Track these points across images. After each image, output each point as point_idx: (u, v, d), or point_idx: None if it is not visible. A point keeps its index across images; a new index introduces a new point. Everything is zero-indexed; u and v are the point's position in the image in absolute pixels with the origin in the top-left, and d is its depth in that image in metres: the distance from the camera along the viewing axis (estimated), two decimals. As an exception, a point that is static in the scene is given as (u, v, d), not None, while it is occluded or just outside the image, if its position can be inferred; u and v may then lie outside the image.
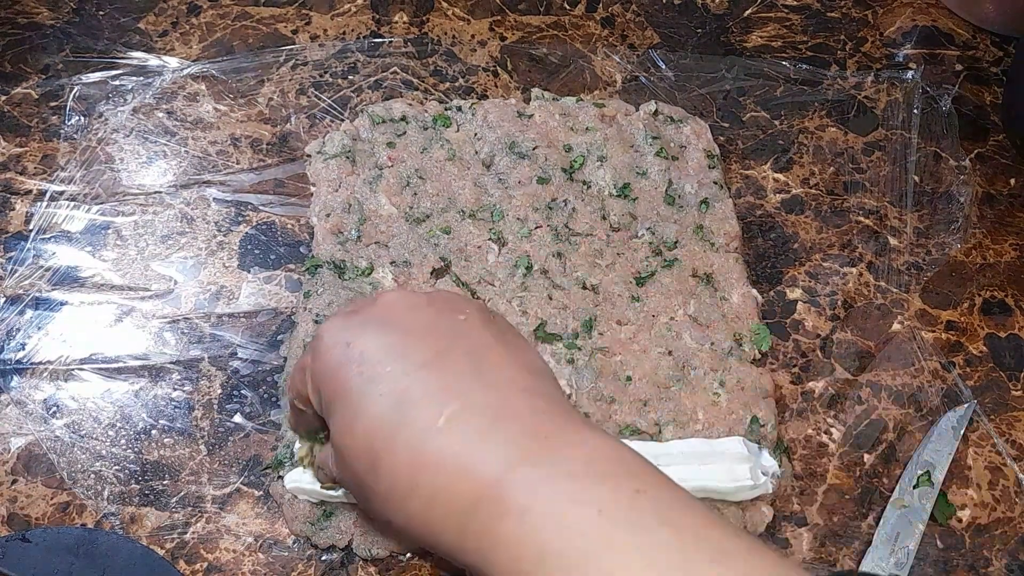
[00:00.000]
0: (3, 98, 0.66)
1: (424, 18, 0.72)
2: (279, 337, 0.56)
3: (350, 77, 0.68)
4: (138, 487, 0.51)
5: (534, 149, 0.61)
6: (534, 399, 0.36)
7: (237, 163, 0.63)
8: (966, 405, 0.55)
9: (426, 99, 0.66)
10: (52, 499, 0.50)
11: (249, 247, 0.60)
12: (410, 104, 0.65)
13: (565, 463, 0.33)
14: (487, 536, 0.32)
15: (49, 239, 0.59)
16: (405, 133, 0.62)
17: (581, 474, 0.32)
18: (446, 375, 0.35)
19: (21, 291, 0.57)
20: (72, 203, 0.61)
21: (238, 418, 0.53)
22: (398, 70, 0.68)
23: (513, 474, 0.32)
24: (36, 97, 0.66)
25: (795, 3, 0.74)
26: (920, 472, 0.52)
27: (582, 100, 0.65)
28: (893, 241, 0.62)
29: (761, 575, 0.29)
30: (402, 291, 0.41)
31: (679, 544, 0.30)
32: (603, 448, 0.34)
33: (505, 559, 0.31)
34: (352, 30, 0.71)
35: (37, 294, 0.57)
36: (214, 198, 0.61)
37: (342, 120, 0.65)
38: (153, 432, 0.53)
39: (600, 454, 0.33)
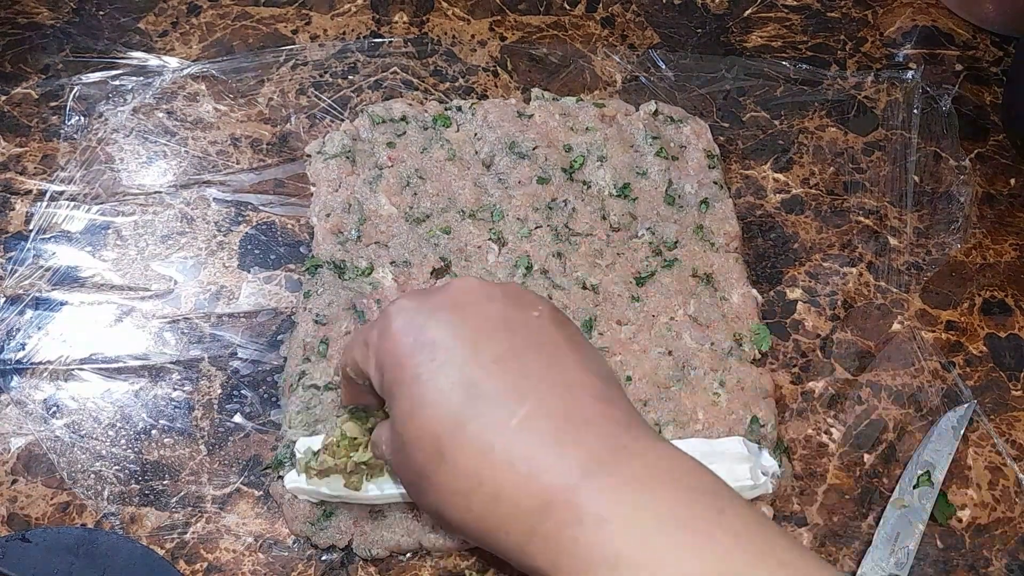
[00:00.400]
0: (3, 98, 0.66)
1: (424, 18, 0.72)
2: (279, 337, 0.56)
3: (350, 77, 0.68)
4: (138, 487, 0.51)
5: (534, 149, 0.61)
6: (606, 406, 0.35)
7: (237, 163, 0.63)
8: (966, 405, 0.55)
9: (426, 99, 0.66)
10: (52, 499, 0.50)
11: (249, 247, 0.60)
12: (410, 104, 0.65)
13: (643, 475, 0.32)
14: (557, 541, 0.31)
15: (49, 239, 0.59)
16: (405, 133, 0.62)
17: (660, 487, 0.32)
18: (518, 373, 0.34)
19: (21, 291, 0.57)
20: (72, 203, 0.61)
21: (238, 418, 0.53)
22: (398, 70, 0.68)
23: (589, 481, 0.31)
24: (36, 97, 0.66)
25: (795, 3, 0.74)
26: (920, 472, 0.52)
27: (582, 100, 0.65)
28: (893, 241, 0.62)
29: None
30: (476, 279, 0.40)
31: (765, 568, 0.29)
32: (680, 463, 0.33)
33: (576, 565, 0.31)
34: (352, 30, 0.71)
35: (37, 294, 0.57)
36: (214, 198, 0.61)
37: (342, 120, 0.65)
38: (153, 432, 0.53)
39: (678, 469, 0.33)
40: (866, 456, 0.53)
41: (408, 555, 0.49)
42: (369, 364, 0.38)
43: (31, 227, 0.60)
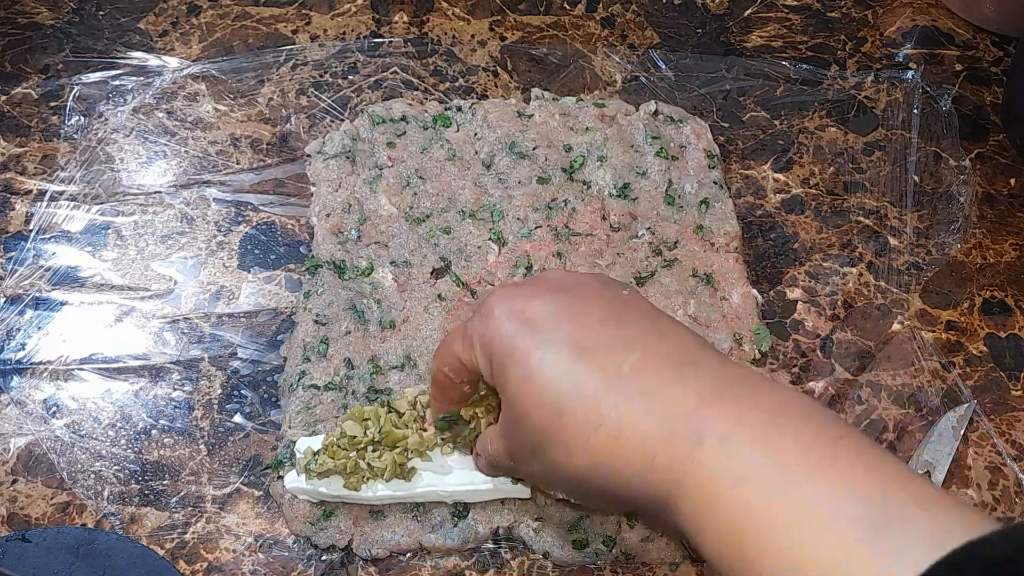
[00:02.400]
0: (3, 98, 0.66)
1: (424, 18, 0.72)
2: (279, 337, 0.56)
3: (350, 77, 0.68)
4: (138, 487, 0.51)
5: (534, 149, 0.61)
6: (713, 353, 0.37)
7: (237, 163, 0.63)
8: (966, 405, 0.55)
9: (426, 99, 0.66)
10: (52, 499, 0.50)
11: (249, 247, 0.60)
12: (410, 104, 0.65)
13: (761, 404, 0.34)
14: (678, 465, 0.33)
15: (49, 239, 0.59)
16: (405, 133, 0.62)
17: (780, 415, 0.33)
18: (624, 329, 0.37)
19: (21, 291, 0.57)
20: (72, 203, 0.61)
21: (238, 418, 0.53)
22: (398, 70, 0.68)
23: (709, 408, 0.33)
24: (36, 97, 0.66)
25: (795, 3, 0.74)
26: (920, 472, 0.52)
27: (582, 100, 0.65)
28: (893, 241, 0.62)
29: (965, 525, 0.29)
30: (563, 271, 0.43)
31: (883, 487, 0.30)
32: (796, 397, 0.35)
33: (698, 485, 0.33)
34: (352, 30, 0.71)
35: (37, 294, 0.57)
36: (214, 198, 0.61)
37: (342, 120, 0.65)
38: (153, 432, 0.53)
39: (795, 401, 0.34)
40: (866, 456, 0.53)
41: (408, 555, 0.49)
42: (475, 353, 0.40)
43: (31, 227, 0.60)
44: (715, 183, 0.61)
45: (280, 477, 0.50)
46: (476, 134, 0.63)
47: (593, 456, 0.35)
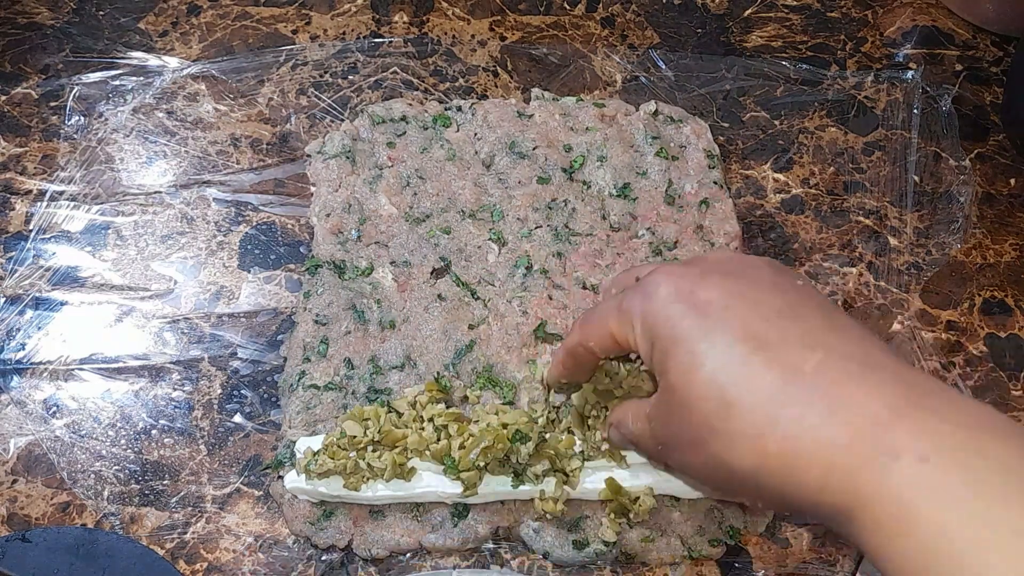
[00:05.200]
0: (3, 98, 0.66)
1: (424, 18, 0.72)
2: (279, 337, 0.56)
3: (350, 77, 0.68)
4: (138, 487, 0.51)
5: (534, 149, 0.61)
6: (895, 356, 0.35)
7: (237, 163, 0.63)
8: (966, 405, 0.55)
9: (426, 99, 0.66)
10: (52, 499, 0.50)
11: (249, 247, 0.60)
12: (410, 104, 0.65)
13: (957, 419, 0.31)
14: (865, 476, 0.31)
15: (49, 239, 0.59)
16: (405, 133, 0.62)
17: (976, 432, 0.31)
18: (803, 324, 0.35)
19: (21, 291, 0.57)
20: (72, 203, 0.61)
21: (238, 418, 0.53)
22: (398, 70, 0.68)
23: (902, 420, 0.31)
24: (36, 97, 0.66)
25: (795, 3, 0.74)
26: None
27: (582, 100, 0.65)
28: (893, 241, 0.62)
29: None
30: (731, 251, 0.39)
31: None
32: (989, 412, 0.32)
33: (888, 500, 0.30)
34: (352, 30, 0.71)
35: (37, 294, 0.57)
36: (214, 198, 0.61)
37: (342, 120, 0.65)
38: (153, 432, 0.53)
39: (988, 416, 0.32)
40: (866, 456, 0.53)
41: (408, 555, 0.49)
42: (633, 332, 0.38)
43: (31, 227, 0.60)
44: (715, 183, 0.61)
45: (280, 477, 0.50)
46: (476, 134, 0.63)
47: (764, 458, 0.33)
